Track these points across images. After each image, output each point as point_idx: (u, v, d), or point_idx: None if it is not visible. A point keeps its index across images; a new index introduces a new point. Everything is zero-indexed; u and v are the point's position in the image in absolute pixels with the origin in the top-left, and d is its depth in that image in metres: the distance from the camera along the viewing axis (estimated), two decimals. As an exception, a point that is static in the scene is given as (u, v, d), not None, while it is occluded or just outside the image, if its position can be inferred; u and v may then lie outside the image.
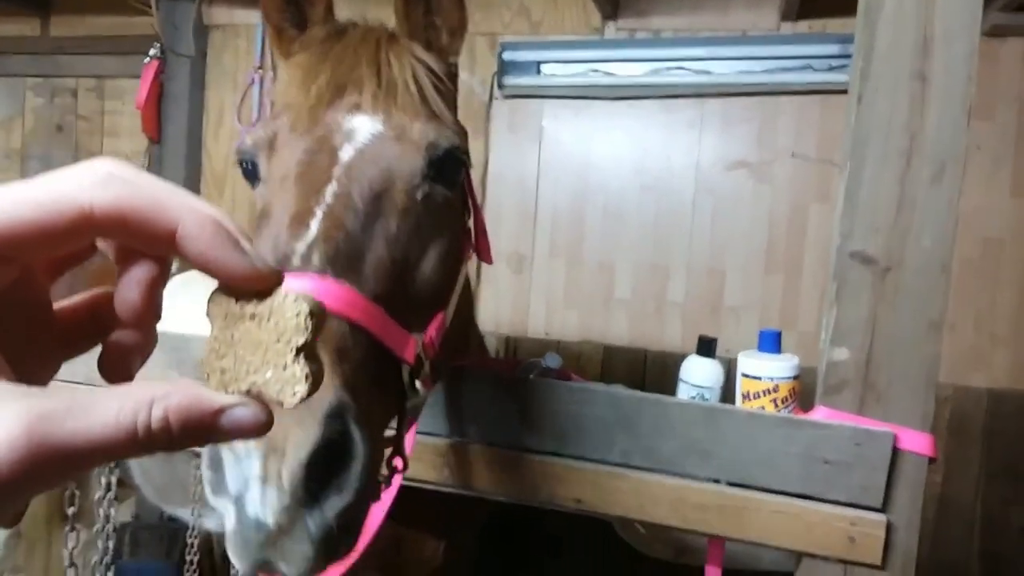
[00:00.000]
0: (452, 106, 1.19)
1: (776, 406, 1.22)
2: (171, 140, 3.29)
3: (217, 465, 0.79)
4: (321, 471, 0.75)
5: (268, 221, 0.99)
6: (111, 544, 1.47)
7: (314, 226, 0.92)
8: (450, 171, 1.07)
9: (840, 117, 2.81)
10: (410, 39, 1.15)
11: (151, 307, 0.45)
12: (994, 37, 2.66)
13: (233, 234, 0.42)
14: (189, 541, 1.46)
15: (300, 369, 0.43)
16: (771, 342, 1.26)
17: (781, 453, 1.15)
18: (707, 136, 2.98)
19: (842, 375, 1.16)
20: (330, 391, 0.77)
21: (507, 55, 3.02)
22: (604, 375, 2.95)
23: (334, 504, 0.77)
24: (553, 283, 3.12)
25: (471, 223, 1.24)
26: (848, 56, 2.76)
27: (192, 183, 3.35)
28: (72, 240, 0.40)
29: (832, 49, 2.78)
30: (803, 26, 2.90)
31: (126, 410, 0.37)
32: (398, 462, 1.01)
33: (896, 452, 1.12)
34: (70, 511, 1.49)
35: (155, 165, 3.39)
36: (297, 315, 0.43)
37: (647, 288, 3.02)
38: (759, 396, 1.22)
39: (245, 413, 0.41)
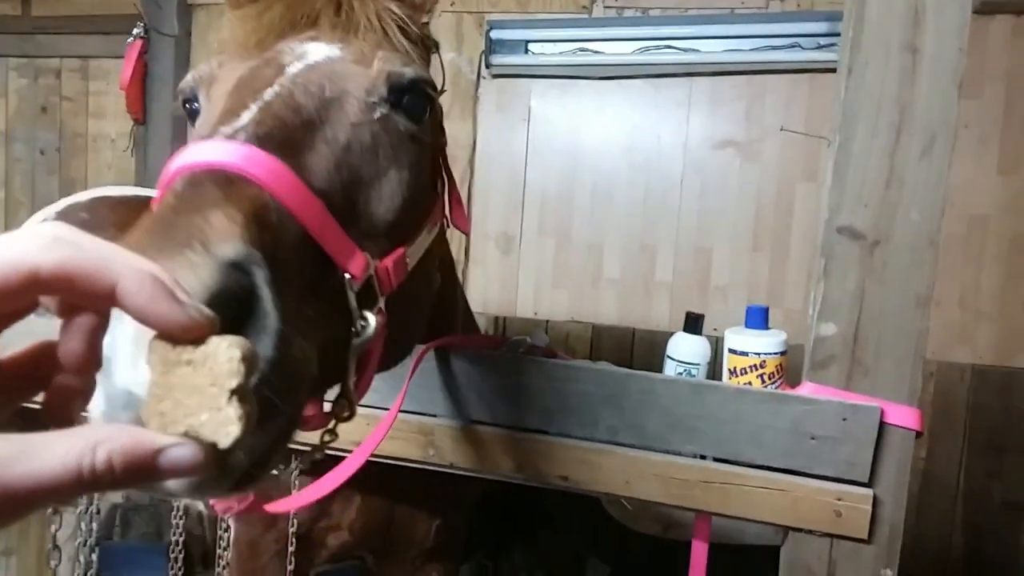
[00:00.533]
0: (423, 60, 1.11)
1: (763, 382, 1.22)
2: (156, 120, 3.25)
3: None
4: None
5: (199, 131, 0.90)
6: (95, 526, 1.45)
7: (246, 116, 0.81)
8: (415, 104, 0.97)
9: (829, 95, 2.80)
10: None
11: (93, 355, 0.49)
12: (983, 15, 2.65)
13: (169, 287, 0.46)
14: (174, 522, 1.45)
15: (233, 411, 0.45)
16: (758, 318, 1.25)
17: (768, 428, 1.14)
18: (695, 115, 2.97)
19: (829, 350, 1.16)
20: (233, 240, 0.63)
21: (495, 34, 2.99)
22: (593, 354, 2.95)
23: None
24: (542, 263, 3.11)
25: (444, 193, 1.17)
26: (836, 34, 2.75)
27: (176, 163, 3.29)
28: (20, 298, 0.44)
29: (820, 27, 2.77)
30: (791, 4, 2.88)
31: (72, 454, 0.40)
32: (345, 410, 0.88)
33: (883, 427, 1.12)
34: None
35: (140, 145, 3.35)
36: (230, 360, 0.46)
37: (635, 268, 3.01)
38: (746, 372, 1.22)
39: (182, 452, 0.44)
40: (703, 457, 1.18)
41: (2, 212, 3.77)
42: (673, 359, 1.37)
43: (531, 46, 3.00)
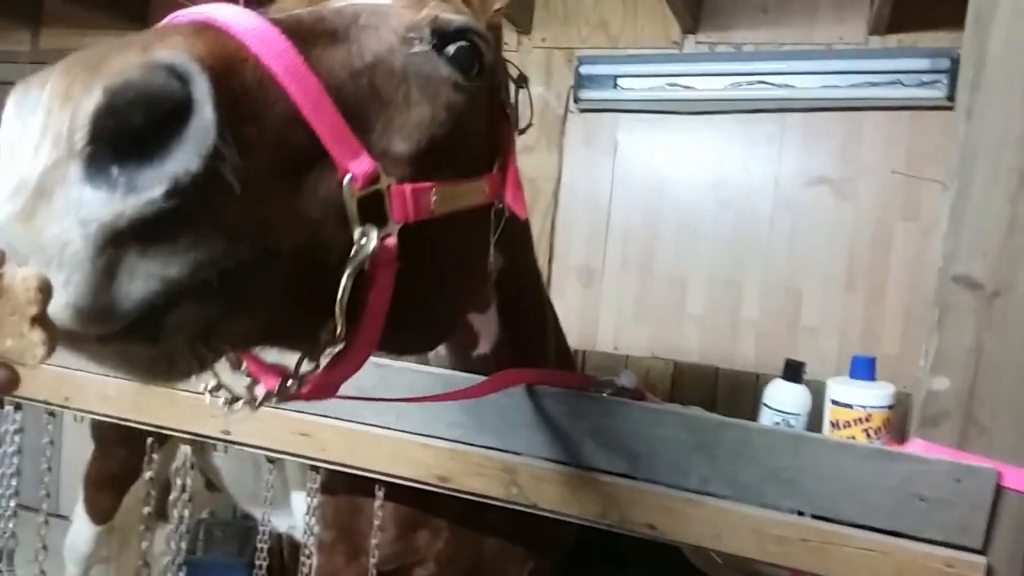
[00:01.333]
0: (496, 41, 1.05)
1: (868, 436, 1.15)
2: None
3: None
4: (135, 143, 0.54)
5: None
6: (183, 544, 1.49)
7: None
8: (463, 55, 0.89)
9: (930, 134, 2.69)
10: None
11: None
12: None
13: None
14: (259, 545, 1.48)
15: (37, 336, 0.50)
16: (864, 368, 1.19)
17: (872, 487, 1.08)
18: (788, 151, 2.89)
19: (942, 406, 1.09)
20: (178, 51, 0.57)
21: (584, 69, 3.00)
22: (674, 391, 2.88)
23: (139, 188, 0.53)
24: (623, 297, 3.07)
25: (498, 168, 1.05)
26: (940, 71, 2.64)
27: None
28: None
29: (923, 64, 2.67)
30: (892, 40, 2.79)
31: None
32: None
33: (999, 490, 1.04)
34: (145, 510, 1.53)
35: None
36: (27, 291, 0.49)
37: (721, 304, 2.94)
38: (849, 425, 1.16)
39: None
40: (800, 513, 1.12)
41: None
42: (770, 407, 1.32)
43: (620, 81, 2.99)
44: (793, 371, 1.33)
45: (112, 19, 3.63)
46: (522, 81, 1.19)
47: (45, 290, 0.50)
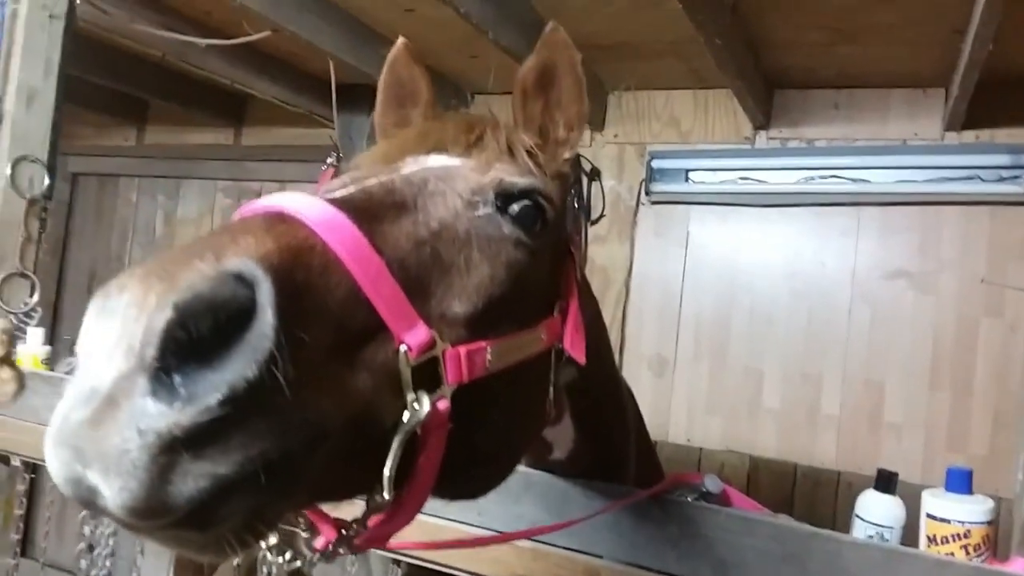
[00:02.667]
0: (560, 189, 1.10)
1: (967, 553, 1.12)
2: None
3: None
4: (198, 349, 0.57)
5: None
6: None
7: (339, 192, 0.82)
8: (526, 213, 0.94)
9: (1012, 228, 2.65)
10: (524, 130, 1.11)
11: None
12: None
13: None
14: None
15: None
16: (961, 481, 1.17)
17: (973, 608, 1.05)
18: (864, 243, 2.88)
19: (1044, 525, 1.06)
20: (247, 256, 0.61)
21: (655, 163, 3.09)
22: (749, 487, 2.81)
23: (197, 398, 0.56)
24: (696, 388, 3.06)
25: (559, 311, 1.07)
26: (1019, 167, 2.62)
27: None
28: None
29: (1002, 159, 2.66)
30: (969, 136, 2.79)
31: None
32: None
33: (1111, 619, 1.00)
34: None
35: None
36: None
37: (797, 397, 2.89)
38: (947, 541, 1.13)
39: None
40: (896, 632, 1.09)
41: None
42: (863, 519, 1.29)
43: (691, 174, 3.06)
44: (886, 481, 1.31)
45: (209, 117, 3.93)
46: (595, 175, 1.24)
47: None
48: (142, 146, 4.33)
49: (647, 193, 3.14)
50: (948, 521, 1.14)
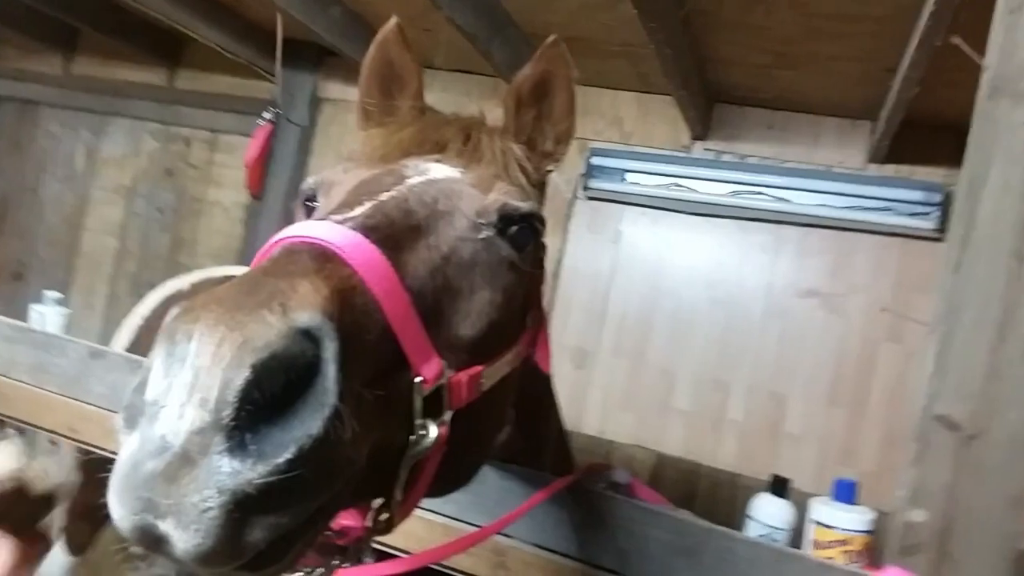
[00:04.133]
0: (538, 200, 1.16)
1: (848, 559, 1.21)
2: (271, 198, 3.48)
3: (141, 387, 0.61)
4: (268, 406, 0.59)
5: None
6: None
7: (359, 209, 0.86)
8: (521, 236, 1.00)
9: (919, 262, 2.82)
10: (514, 139, 1.14)
11: None
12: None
13: None
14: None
15: None
16: (846, 492, 1.26)
17: (847, 608, 1.13)
18: (781, 261, 3.02)
19: (918, 537, 1.15)
20: (312, 309, 0.63)
21: (595, 160, 3.14)
22: (655, 482, 2.92)
23: (267, 455, 0.58)
24: (613, 383, 3.14)
25: (531, 320, 1.14)
26: (932, 204, 2.78)
27: (281, 240, 3.49)
28: None
29: (916, 195, 2.80)
30: (890, 169, 2.94)
31: None
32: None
33: (966, 626, 1.10)
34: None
35: (252, 218, 3.57)
36: None
37: (707, 401, 3.01)
38: (830, 546, 1.22)
39: None
40: (775, 627, 1.17)
41: (112, 261, 4.03)
42: (756, 520, 1.38)
43: (628, 175, 3.13)
44: (780, 486, 1.40)
45: (143, 54, 3.77)
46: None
47: None
48: (69, 76, 4.12)
49: (584, 188, 3.19)
50: (832, 527, 1.22)
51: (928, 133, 2.80)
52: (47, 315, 2.24)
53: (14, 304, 3.76)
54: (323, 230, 0.77)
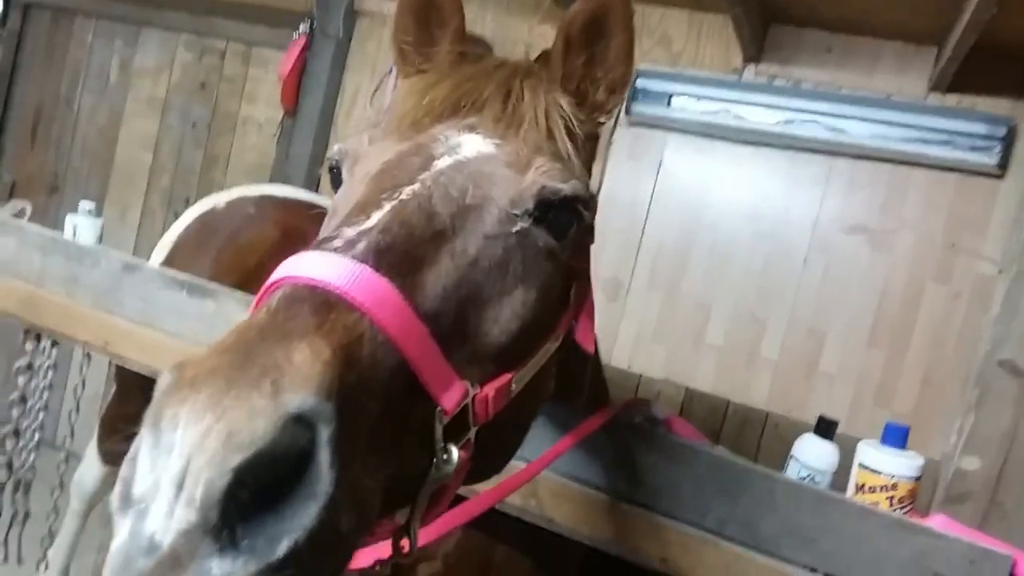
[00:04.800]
0: (586, 164, 1.05)
1: (891, 504, 1.17)
2: (305, 114, 3.41)
3: (132, 463, 0.60)
4: (258, 496, 0.57)
5: (330, 218, 0.88)
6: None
7: (375, 217, 0.79)
8: (562, 221, 0.91)
9: (975, 199, 2.68)
10: (561, 87, 1.02)
11: None
12: None
13: None
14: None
15: None
16: (897, 437, 1.21)
17: (888, 555, 1.10)
18: (830, 195, 2.90)
19: (968, 485, 1.11)
20: (306, 387, 0.59)
21: (640, 83, 3.01)
22: (682, 418, 2.90)
23: (259, 552, 0.56)
24: (646, 316, 3.09)
25: (574, 295, 1.04)
26: (995, 138, 2.63)
27: (318, 158, 3.46)
28: None
29: (979, 128, 2.65)
30: (952, 99, 2.78)
31: None
32: (404, 543, 0.81)
33: (1013, 578, 1.06)
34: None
35: (286, 135, 3.52)
36: None
37: (741, 337, 2.95)
38: (875, 491, 1.18)
39: None
40: (813, 570, 1.14)
41: (146, 175, 4.02)
42: (799, 461, 1.33)
43: (674, 100, 3.00)
44: (826, 427, 1.35)
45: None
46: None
47: None
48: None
49: (627, 113, 3.07)
50: (879, 472, 1.18)
51: (995, 62, 2.62)
52: (80, 225, 2.23)
53: (48, 217, 3.78)
54: (326, 268, 0.71)
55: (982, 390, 1.09)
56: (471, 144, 0.91)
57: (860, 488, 1.20)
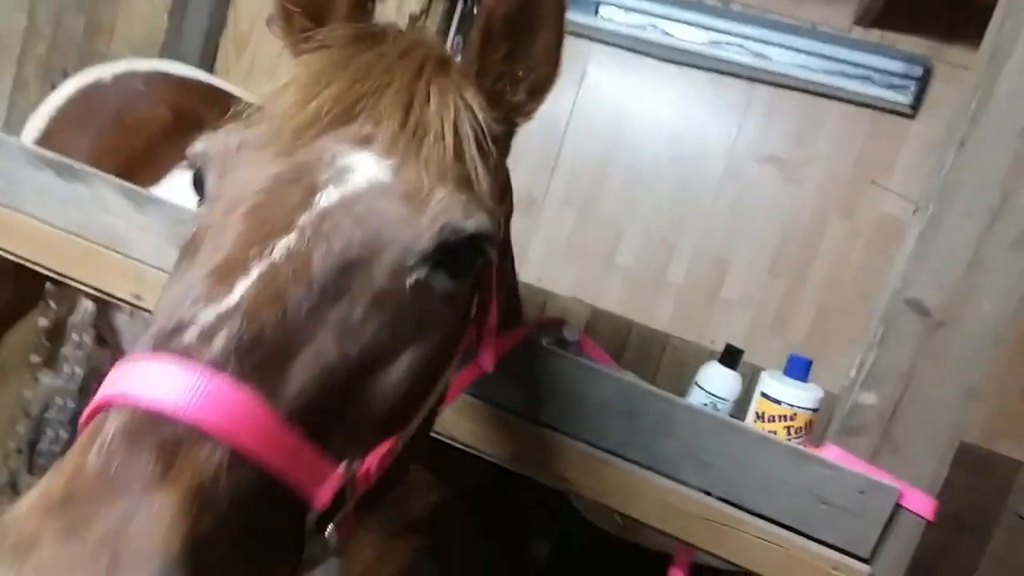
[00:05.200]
0: (496, 178, 0.90)
1: (789, 434, 1.19)
2: (200, -13, 3.09)
3: None
4: None
5: (191, 261, 0.73)
6: (71, 402, 1.41)
7: (239, 291, 0.66)
8: (465, 260, 0.80)
9: (886, 137, 2.73)
10: (475, 83, 0.88)
11: None
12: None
13: None
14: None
15: None
16: (800, 368, 1.21)
17: (782, 483, 1.12)
18: (748, 122, 2.89)
19: (864, 419, 1.12)
20: (152, 559, 0.52)
21: (569, -13, 2.86)
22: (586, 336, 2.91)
23: None
24: (558, 233, 3.05)
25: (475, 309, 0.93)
26: (911, 77, 2.67)
27: (212, 40, 3.17)
28: None
29: (897, 66, 2.68)
30: (874, 35, 2.78)
31: None
32: None
33: (897, 508, 1.10)
34: (34, 359, 1.42)
35: (179, 7, 3.19)
36: None
37: (650, 260, 2.96)
38: (774, 420, 1.19)
39: None
40: (708, 494, 1.15)
41: (19, 41, 3.60)
42: (701, 388, 1.33)
43: (602, 8, 2.88)
44: (731, 356, 1.35)
45: None
46: None
47: None
48: None
49: (552, 19, 2.93)
50: (779, 402, 1.19)
51: (919, 1, 2.63)
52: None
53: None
54: (173, 385, 0.60)
55: (887, 327, 1.09)
56: (362, 170, 0.76)
57: (759, 417, 1.21)
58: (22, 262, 1.37)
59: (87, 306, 1.37)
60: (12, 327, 2.09)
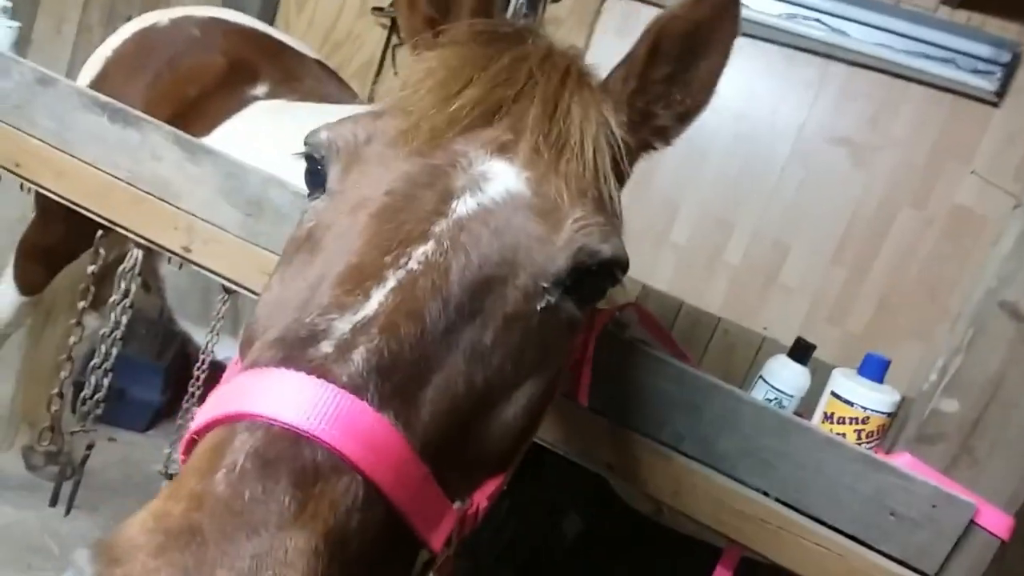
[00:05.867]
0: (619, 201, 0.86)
1: (859, 438, 1.11)
2: (263, -64, 3.04)
3: None
4: None
5: (313, 260, 0.69)
6: (114, 350, 1.40)
7: (375, 301, 0.62)
8: (594, 286, 0.76)
9: (967, 124, 2.58)
10: (626, 103, 0.85)
11: None
12: None
13: None
14: (197, 373, 1.39)
15: None
16: (876, 369, 1.13)
17: (848, 489, 1.04)
18: (821, 101, 2.75)
19: (942, 427, 1.04)
20: None
21: (639, -49, 2.75)
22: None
23: None
24: (611, 206, 2.96)
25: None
26: (998, 63, 2.51)
27: (273, -5, 3.13)
28: None
29: (983, 50, 2.52)
30: (961, 16, 2.61)
31: None
32: None
33: (971, 525, 1.02)
34: (81, 305, 1.41)
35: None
36: None
37: (705, 240, 2.86)
38: (844, 422, 1.11)
39: None
40: (766, 495, 1.08)
41: (84, -14, 3.60)
42: (767, 383, 1.26)
43: (672, -24, 2.76)
44: (802, 351, 1.27)
45: None
46: None
47: None
48: None
49: (619, -16, 2.82)
50: (851, 404, 1.11)
51: (1015, -19, 2.46)
52: (-10, 28, 1.94)
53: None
54: (308, 406, 0.54)
55: (976, 330, 1.00)
56: (501, 179, 0.72)
57: (828, 417, 1.14)
58: (71, 205, 1.35)
59: (136, 255, 1.35)
60: (62, 269, 2.10)
